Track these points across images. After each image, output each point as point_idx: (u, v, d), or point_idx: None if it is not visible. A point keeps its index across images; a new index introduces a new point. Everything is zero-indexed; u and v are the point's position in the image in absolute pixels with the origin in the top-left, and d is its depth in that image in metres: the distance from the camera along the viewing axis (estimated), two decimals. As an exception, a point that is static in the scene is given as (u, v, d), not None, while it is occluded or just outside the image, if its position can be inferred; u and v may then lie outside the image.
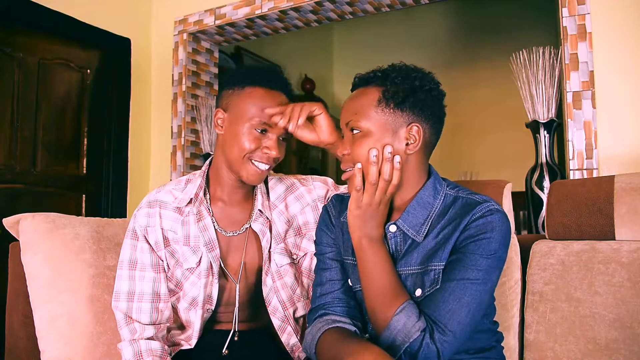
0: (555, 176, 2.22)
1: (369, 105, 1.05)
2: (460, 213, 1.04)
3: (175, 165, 3.07)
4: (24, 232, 1.43)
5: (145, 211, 1.30)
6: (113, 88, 3.01)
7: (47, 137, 2.71)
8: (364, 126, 1.04)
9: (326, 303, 1.14)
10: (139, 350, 1.22)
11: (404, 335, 0.96)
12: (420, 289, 1.03)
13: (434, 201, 1.07)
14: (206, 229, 1.29)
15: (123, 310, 1.26)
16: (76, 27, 2.78)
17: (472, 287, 0.97)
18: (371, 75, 1.09)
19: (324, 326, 1.09)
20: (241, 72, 1.29)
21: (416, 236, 1.06)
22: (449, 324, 0.96)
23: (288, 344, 1.32)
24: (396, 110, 1.04)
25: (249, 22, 2.91)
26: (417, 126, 1.05)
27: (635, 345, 1.20)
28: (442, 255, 1.02)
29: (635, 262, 1.26)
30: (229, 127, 1.24)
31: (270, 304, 1.31)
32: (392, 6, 2.71)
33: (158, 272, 1.29)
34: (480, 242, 0.99)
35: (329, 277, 1.17)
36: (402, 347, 0.97)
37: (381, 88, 1.06)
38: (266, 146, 1.23)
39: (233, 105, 1.25)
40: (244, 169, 1.23)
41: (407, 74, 1.06)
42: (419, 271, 1.04)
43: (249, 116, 1.21)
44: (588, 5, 2.06)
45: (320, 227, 1.24)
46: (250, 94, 1.23)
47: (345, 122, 1.08)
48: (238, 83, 1.26)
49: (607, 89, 2.03)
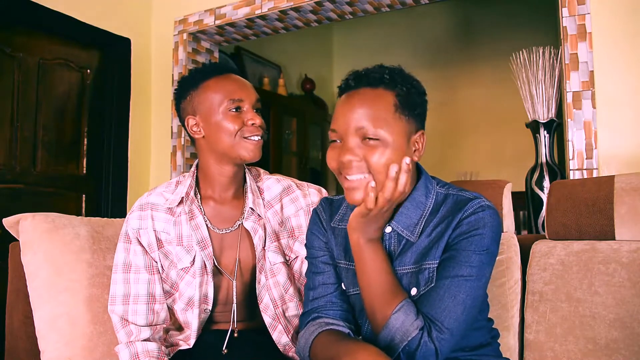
0: (555, 176, 2.22)
1: (386, 110, 0.99)
2: (451, 210, 1.04)
3: (175, 165, 3.07)
4: (24, 232, 1.43)
5: (137, 214, 1.32)
6: (113, 88, 3.00)
7: (47, 137, 2.71)
8: (382, 134, 0.98)
9: (319, 306, 1.13)
10: (135, 353, 1.23)
11: (402, 333, 0.96)
12: (416, 288, 1.03)
13: (426, 200, 1.07)
14: (198, 227, 1.30)
15: (119, 313, 1.27)
16: (76, 27, 2.78)
17: (466, 284, 0.97)
18: (377, 75, 1.02)
19: (317, 329, 1.08)
20: (188, 77, 1.33)
21: (410, 236, 1.05)
22: (445, 321, 0.96)
23: (279, 342, 1.33)
24: (409, 117, 1.02)
25: (249, 22, 2.91)
26: (423, 133, 1.06)
27: (635, 345, 1.20)
28: (436, 254, 1.02)
29: (635, 262, 1.26)
30: (206, 125, 1.28)
31: (262, 302, 1.32)
32: (392, 6, 2.71)
33: (152, 273, 1.30)
34: (473, 238, 0.99)
35: (322, 280, 1.15)
36: (400, 346, 0.96)
37: (393, 92, 1.01)
38: (248, 118, 1.27)
39: (199, 104, 1.28)
40: (242, 148, 1.26)
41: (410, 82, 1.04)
42: (413, 270, 1.04)
43: (217, 104, 1.26)
44: (588, 5, 2.06)
45: (311, 231, 1.22)
46: (207, 86, 1.28)
47: (354, 127, 0.99)
48: (191, 87, 1.30)
49: (607, 89, 2.02)
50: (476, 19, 4.55)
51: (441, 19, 4.70)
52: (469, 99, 4.48)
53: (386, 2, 2.66)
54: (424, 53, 4.71)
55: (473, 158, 4.36)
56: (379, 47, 4.89)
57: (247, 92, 1.29)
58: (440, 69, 4.67)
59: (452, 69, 4.61)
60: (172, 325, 1.36)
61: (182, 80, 1.34)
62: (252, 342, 1.33)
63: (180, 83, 1.34)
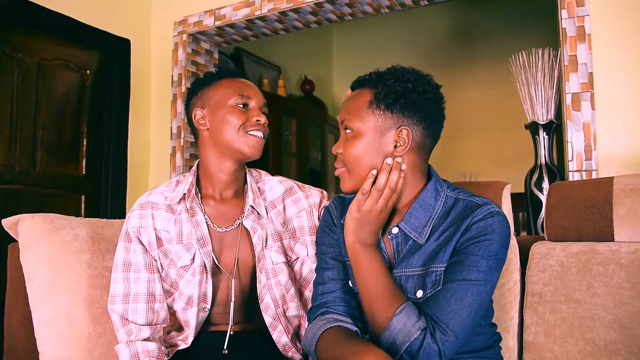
0: (554, 177, 2.22)
1: (361, 106, 1.07)
2: (461, 216, 1.05)
3: (174, 166, 3.07)
4: (23, 232, 1.43)
5: (137, 213, 1.33)
6: (113, 89, 3.00)
7: (47, 137, 2.71)
8: (355, 126, 1.07)
9: (328, 301, 1.15)
10: (135, 352, 1.23)
11: (404, 335, 0.97)
12: (422, 290, 1.04)
13: (435, 203, 1.08)
14: (199, 224, 1.31)
15: (119, 312, 1.27)
16: (76, 27, 2.78)
17: (473, 288, 0.98)
18: (367, 77, 1.11)
19: (325, 324, 1.09)
20: (202, 78, 1.40)
21: (418, 238, 1.06)
22: (450, 323, 0.96)
23: (279, 342, 1.33)
24: (386, 112, 1.06)
25: (249, 23, 2.91)
26: (406, 129, 1.05)
27: (634, 346, 1.20)
28: (444, 257, 1.03)
29: (634, 263, 1.26)
30: (212, 118, 1.32)
31: (263, 301, 1.33)
32: (392, 7, 2.71)
33: (152, 272, 1.30)
34: (481, 243, 1.00)
35: (331, 276, 1.17)
36: (403, 347, 0.97)
37: (374, 90, 1.08)
38: (254, 115, 1.31)
39: (208, 99, 1.34)
40: (244, 143, 1.30)
41: (402, 76, 1.07)
42: (420, 273, 1.05)
43: (227, 98, 1.32)
44: (587, 7, 2.06)
45: (322, 228, 1.25)
46: (220, 84, 1.35)
47: (340, 120, 1.11)
48: (204, 85, 1.37)
49: (606, 90, 2.03)
50: (475, 20, 4.56)
51: (441, 21, 4.70)
52: (468, 100, 4.48)
53: (385, 3, 2.66)
54: (424, 54, 4.71)
55: (472, 159, 4.36)
56: (378, 48, 4.89)
57: (255, 92, 1.36)
58: (440, 70, 4.64)
59: (452, 70, 4.61)
60: (172, 326, 1.36)
61: (195, 81, 1.41)
62: (251, 344, 1.33)
63: (194, 83, 1.40)
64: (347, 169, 1.08)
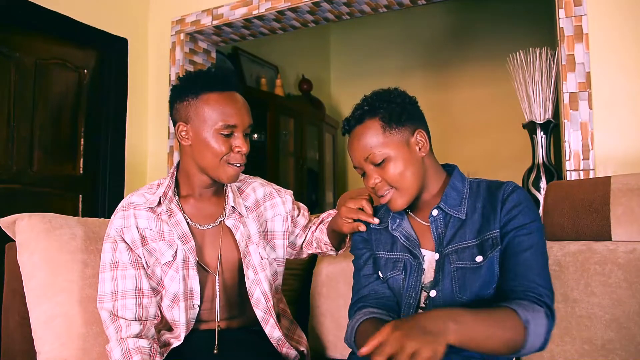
0: (551, 177, 2.23)
1: (377, 135, 1.16)
2: (490, 192, 1.17)
3: (172, 165, 3.07)
4: (20, 232, 1.43)
5: (120, 214, 1.35)
6: (110, 88, 3.00)
7: (44, 137, 2.70)
8: (384, 154, 1.15)
9: (364, 296, 1.23)
10: (127, 349, 1.23)
11: (540, 327, 1.00)
12: (481, 256, 1.11)
13: (463, 187, 1.21)
14: (178, 224, 1.34)
15: (108, 309, 1.28)
16: (73, 27, 2.77)
17: (539, 249, 1.10)
18: (359, 113, 1.19)
19: (361, 317, 1.17)
20: (191, 81, 1.31)
21: (458, 214, 1.16)
22: (542, 283, 1.06)
23: (272, 337, 1.35)
24: (399, 127, 1.17)
25: (246, 22, 2.91)
26: (420, 131, 1.19)
27: (631, 345, 1.20)
28: (494, 225, 1.13)
29: (632, 262, 1.26)
30: (195, 137, 1.29)
31: (253, 296, 1.35)
32: (389, 7, 2.71)
33: (137, 268, 1.32)
34: (525, 210, 1.12)
35: (365, 272, 1.26)
36: (543, 336, 1.02)
37: (377, 116, 1.17)
38: (236, 145, 1.28)
39: (193, 115, 1.28)
40: (222, 172, 1.30)
41: (388, 95, 1.19)
42: (476, 243, 1.13)
43: (211, 123, 1.26)
44: (584, 6, 2.07)
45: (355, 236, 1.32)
46: (207, 100, 1.27)
47: (363, 159, 1.17)
48: (190, 92, 1.29)
49: (604, 90, 2.03)
50: (473, 20, 4.56)
51: (438, 20, 4.70)
52: (465, 100, 4.48)
53: (383, 2, 2.66)
54: (421, 53, 4.72)
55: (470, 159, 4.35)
56: (376, 48, 4.89)
57: (241, 118, 1.29)
58: (437, 69, 4.67)
59: (449, 70, 4.61)
60: (164, 326, 1.38)
61: (184, 79, 1.33)
62: (242, 342, 1.35)
63: (182, 81, 1.33)
64: (395, 188, 1.17)
